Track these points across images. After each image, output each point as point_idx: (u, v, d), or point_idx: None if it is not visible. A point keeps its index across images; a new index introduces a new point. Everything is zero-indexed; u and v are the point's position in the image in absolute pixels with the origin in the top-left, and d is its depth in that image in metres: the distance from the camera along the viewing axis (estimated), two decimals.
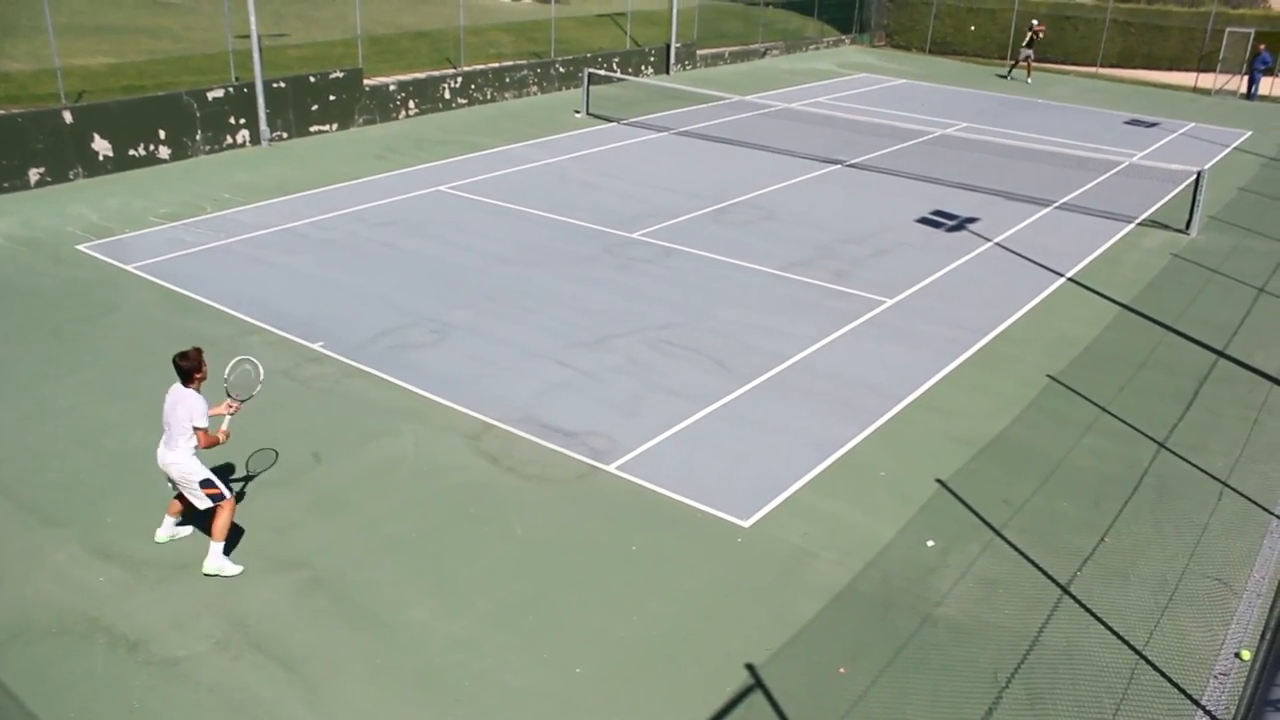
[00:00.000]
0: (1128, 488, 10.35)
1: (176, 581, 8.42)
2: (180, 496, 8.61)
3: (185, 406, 8.17)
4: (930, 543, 9.31)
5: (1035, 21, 35.96)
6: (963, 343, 13.53)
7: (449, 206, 18.28)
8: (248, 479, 9.82)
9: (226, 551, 8.56)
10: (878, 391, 12.05)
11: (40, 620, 7.95)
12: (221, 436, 8.43)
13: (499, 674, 7.61)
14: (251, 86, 21.44)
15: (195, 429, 8.20)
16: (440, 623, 8.10)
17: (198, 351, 8.28)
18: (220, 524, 8.41)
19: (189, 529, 8.98)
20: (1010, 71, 36.64)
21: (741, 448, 10.72)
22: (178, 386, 8.27)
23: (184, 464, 8.30)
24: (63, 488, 9.63)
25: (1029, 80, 35.66)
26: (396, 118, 25.00)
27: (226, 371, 8.84)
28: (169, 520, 8.89)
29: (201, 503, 8.40)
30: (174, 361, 8.22)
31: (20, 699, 7.18)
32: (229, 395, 8.72)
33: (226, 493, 8.46)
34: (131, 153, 19.65)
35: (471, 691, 7.44)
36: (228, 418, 8.62)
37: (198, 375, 8.23)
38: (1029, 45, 35.38)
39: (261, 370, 8.96)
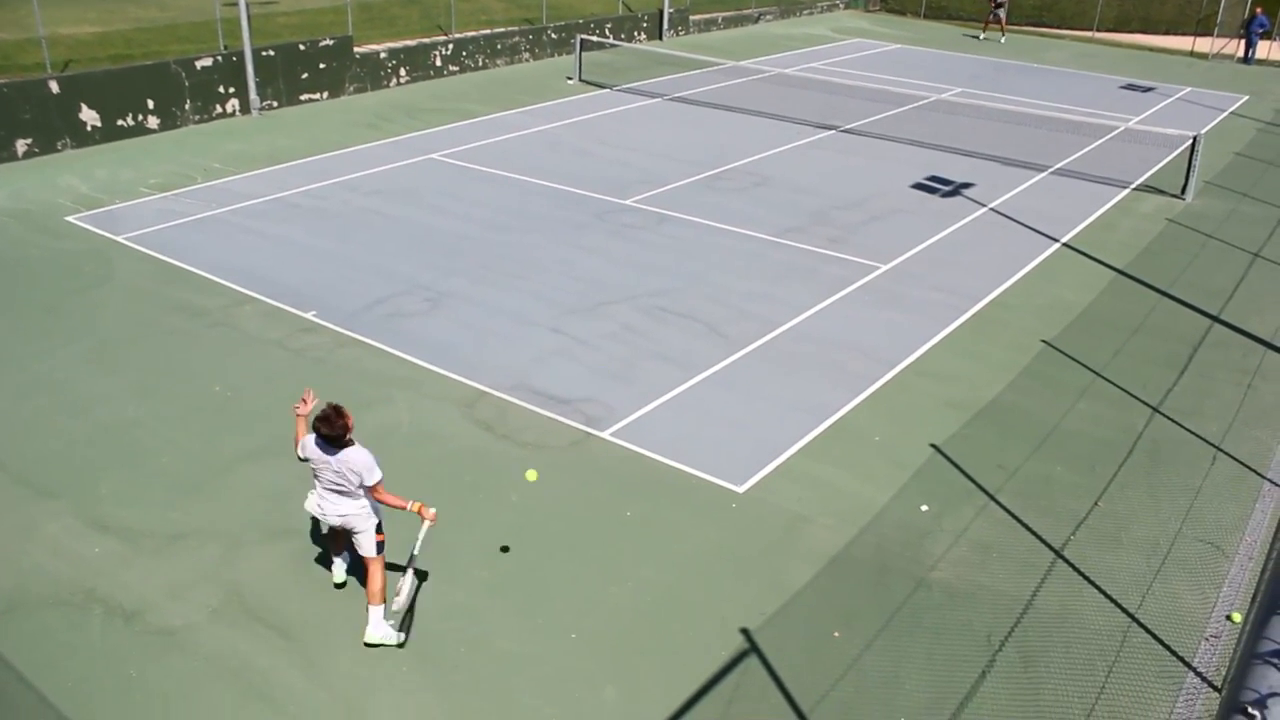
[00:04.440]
0: (1122, 452, 10.37)
1: (172, 552, 8.43)
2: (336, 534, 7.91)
3: (355, 464, 7.25)
4: (924, 507, 9.33)
5: None
6: (957, 308, 13.51)
7: (441, 174, 18.18)
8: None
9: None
10: (872, 357, 12.05)
11: (37, 592, 7.96)
12: (415, 507, 7.53)
13: (494, 641, 7.64)
14: (241, 55, 21.24)
15: (371, 486, 7.36)
16: (435, 590, 8.12)
17: (337, 411, 7.12)
18: (376, 585, 7.55)
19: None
20: (984, 32, 36.63)
21: (736, 414, 10.72)
22: (333, 454, 7.27)
23: (354, 511, 7.49)
24: (56, 460, 9.61)
25: (1002, 40, 35.74)
26: (387, 85, 24.81)
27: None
28: (340, 562, 8.10)
29: (370, 549, 7.57)
30: (317, 430, 7.17)
31: (18, 670, 7.20)
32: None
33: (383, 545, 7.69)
34: (120, 123, 19.49)
35: (467, 658, 7.47)
36: (433, 513, 7.61)
37: (348, 437, 7.24)
38: (998, 6, 35.84)
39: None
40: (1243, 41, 34.98)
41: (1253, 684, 3.56)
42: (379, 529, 7.61)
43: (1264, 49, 34.73)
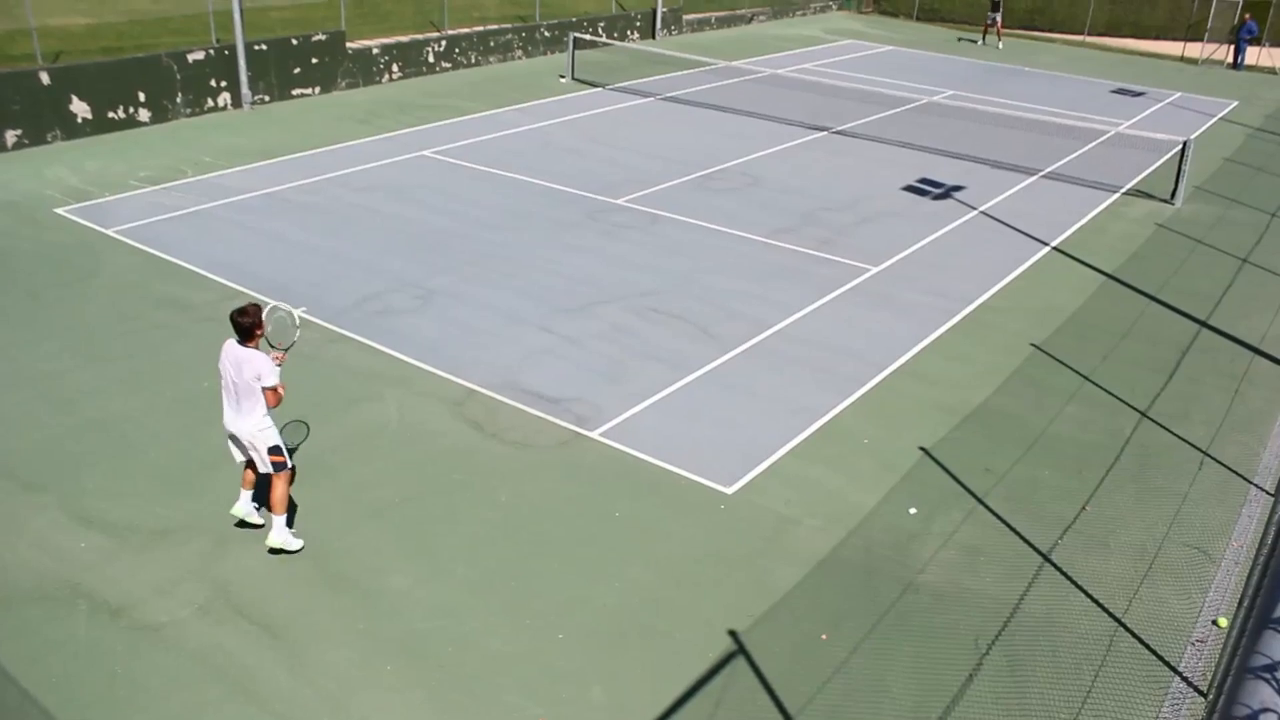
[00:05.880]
0: (1110, 456, 10.40)
1: (158, 547, 8.39)
2: (251, 465, 8.42)
3: (252, 366, 7.90)
4: (913, 510, 9.35)
5: None
6: (947, 311, 13.53)
7: (433, 171, 18.14)
8: (291, 452, 9.38)
9: (288, 525, 8.42)
10: (861, 359, 12.06)
11: (21, 586, 7.91)
12: (281, 390, 8.18)
13: (481, 640, 7.62)
14: (232, 48, 21.16)
15: (266, 389, 7.96)
16: (422, 589, 8.10)
17: (256, 308, 7.99)
18: (279, 495, 8.23)
19: (260, 517, 8.64)
20: (984, 38, 36.69)
21: (725, 415, 10.72)
22: (236, 346, 7.97)
23: (259, 425, 8.09)
24: (42, 453, 9.56)
25: (1000, 46, 35.78)
26: (380, 81, 24.74)
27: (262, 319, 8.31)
28: (245, 495, 8.54)
29: (264, 467, 8.24)
30: (232, 318, 7.93)
31: (2, 665, 7.15)
32: (271, 346, 8.41)
33: (289, 462, 8.31)
34: (111, 115, 19.39)
35: (453, 657, 7.45)
36: (277, 370, 8.22)
37: (259, 332, 7.99)
38: (994, 9, 35.78)
39: (296, 314, 8.83)
40: (1232, 47, 35.14)
41: (1244, 699, 3.57)
42: (277, 451, 8.19)
43: (1253, 55, 34.89)
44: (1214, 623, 8.08)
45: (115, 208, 15.64)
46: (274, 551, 8.32)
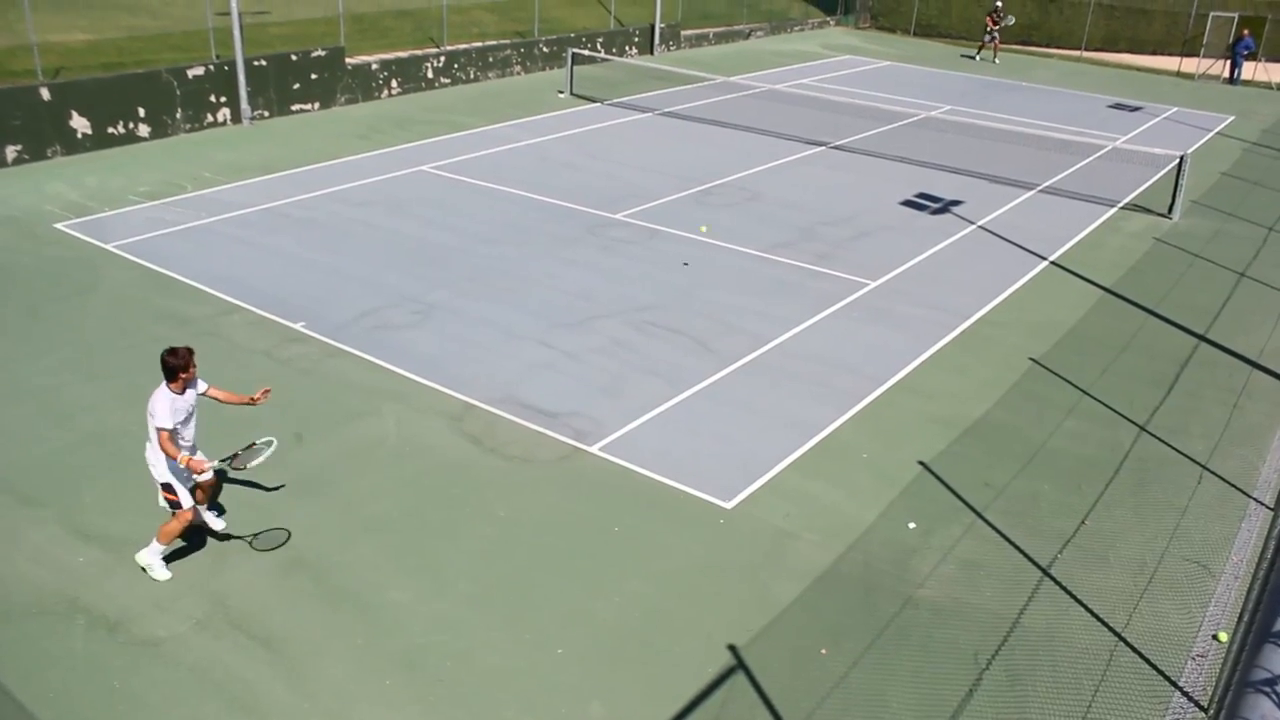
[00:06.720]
0: (1109, 471, 10.40)
1: None
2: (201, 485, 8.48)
3: (151, 402, 7.90)
4: (912, 525, 9.34)
5: (999, 4, 36.05)
6: (945, 325, 13.55)
7: (431, 186, 18.18)
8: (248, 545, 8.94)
9: (167, 558, 8.29)
10: (860, 373, 12.07)
11: (19, 600, 7.89)
12: (184, 460, 7.86)
13: (480, 654, 7.61)
14: (232, 64, 21.22)
15: (157, 428, 7.87)
16: (421, 603, 8.09)
17: (188, 351, 7.96)
18: (168, 528, 8.14)
19: (221, 523, 8.77)
20: (979, 53, 36.87)
21: (724, 429, 10.72)
22: (161, 385, 7.97)
23: (150, 460, 8.11)
24: (40, 467, 9.55)
25: (996, 61, 35.97)
26: (379, 97, 24.82)
27: (257, 442, 8.43)
28: (200, 509, 8.54)
29: (161, 502, 8.21)
30: (161, 357, 7.93)
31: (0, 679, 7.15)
32: (230, 460, 8.23)
33: (184, 504, 8.13)
34: (111, 130, 19.44)
35: (452, 672, 7.44)
36: (207, 467, 8.04)
37: (183, 375, 7.93)
38: (995, 26, 36.00)
39: (268, 453, 8.33)
40: (1228, 62, 35.28)
41: (1244, 713, 3.57)
42: (168, 489, 8.07)
43: (1249, 70, 35.03)
44: (1214, 637, 8.07)
45: (115, 223, 15.66)
46: (140, 567, 8.24)
